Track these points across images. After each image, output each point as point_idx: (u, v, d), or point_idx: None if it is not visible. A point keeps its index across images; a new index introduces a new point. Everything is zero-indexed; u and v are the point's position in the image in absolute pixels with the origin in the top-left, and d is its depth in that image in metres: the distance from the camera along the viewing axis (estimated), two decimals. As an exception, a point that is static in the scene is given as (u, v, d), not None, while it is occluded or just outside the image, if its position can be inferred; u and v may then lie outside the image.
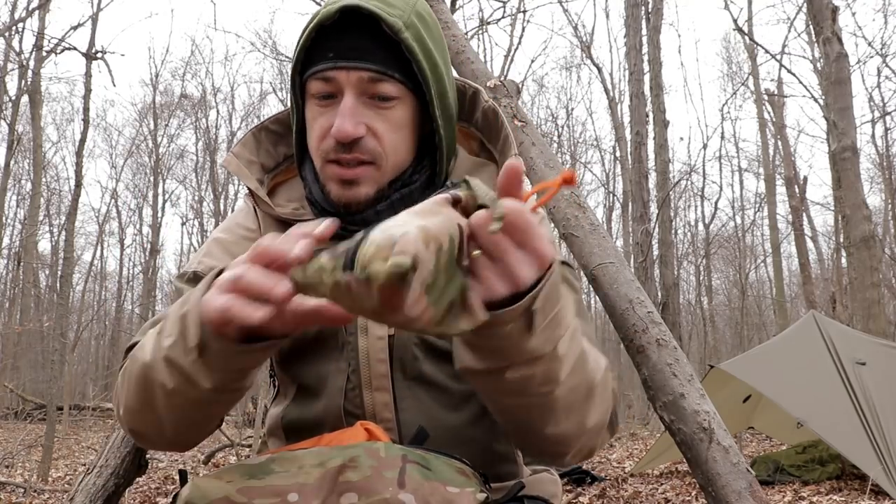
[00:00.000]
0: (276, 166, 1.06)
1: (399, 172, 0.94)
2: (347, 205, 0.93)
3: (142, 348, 0.80)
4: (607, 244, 1.75)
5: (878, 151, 15.69)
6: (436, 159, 0.97)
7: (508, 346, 0.66)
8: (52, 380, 8.43)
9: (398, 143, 0.93)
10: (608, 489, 5.47)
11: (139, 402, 0.81)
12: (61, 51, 8.22)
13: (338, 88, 0.89)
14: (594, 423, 0.81)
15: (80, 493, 1.66)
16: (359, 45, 0.88)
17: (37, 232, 15.34)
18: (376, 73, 0.88)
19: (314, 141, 0.93)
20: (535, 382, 0.71)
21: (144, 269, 20.48)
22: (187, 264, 1.01)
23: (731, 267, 20.56)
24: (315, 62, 0.90)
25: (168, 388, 0.75)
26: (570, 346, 0.73)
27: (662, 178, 10.81)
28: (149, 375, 0.77)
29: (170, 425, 0.81)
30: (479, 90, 1.04)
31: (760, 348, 5.90)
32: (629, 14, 11.22)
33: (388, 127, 0.91)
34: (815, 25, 6.55)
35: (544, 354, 0.69)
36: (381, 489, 0.69)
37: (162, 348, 0.74)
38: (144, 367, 0.77)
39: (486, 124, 1.04)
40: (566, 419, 0.78)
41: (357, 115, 0.89)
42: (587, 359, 0.78)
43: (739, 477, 1.45)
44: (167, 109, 20.52)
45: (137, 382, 0.79)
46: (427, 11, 0.94)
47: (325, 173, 0.93)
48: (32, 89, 11.07)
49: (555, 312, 0.67)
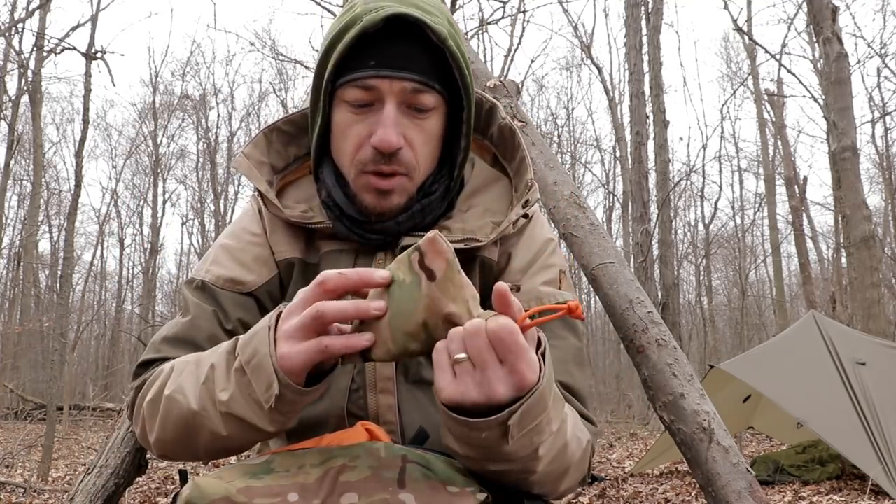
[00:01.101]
0: (286, 167, 1.05)
1: (422, 182, 0.95)
2: (381, 214, 0.93)
3: (181, 392, 0.81)
4: (607, 244, 1.75)
5: (878, 151, 15.69)
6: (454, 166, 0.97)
7: (486, 446, 0.68)
8: (52, 380, 8.42)
9: (429, 153, 0.93)
10: (608, 489, 5.46)
11: (177, 439, 0.83)
12: (61, 51, 8.22)
13: (378, 97, 0.88)
14: (564, 489, 0.84)
15: (80, 493, 1.66)
16: (404, 54, 0.87)
17: (37, 232, 15.34)
18: (419, 83, 0.88)
19: (349, 149, 0.92)
20: (512, 474, 0.74)
21: (144, 269, 20.48)
22: (194, 271, 1.01)
23: (731, 267, 20.57)
24: (353, 69, 0.88)
25: (221, 434, 0.78)
26: (553, 445, 0.74)
27: (662, 178, 10.80)
28: (196, 422, 0.79)
29: (206, 455, 0.84)
30: (496, 105, 1.04)
31: (760, 348, 5.89)
32: (629, 14, 11.22)
33: (424, 138, 0.91)
34: (815, 25, 6.55)
35: (523, 456, 0.71)
36: (381, 489, 0.69)
37: (218, 402, 0.77)
38: (191, 415, 0.79)
39: (502, 141, 1.04)
40: (539, 489, 0.80)
41: (398, 125, 0.88)
42: (568, 449, 0.79)
43: (739, 477, 1.45)
44: (167, 109, 20.52)
45: (178, 424, 0.81)
46: (454, 19, 0.94)
47: (360, 183, 0.92)
48: (32, 89, 11.06)
49: (535, 423, 0.69)
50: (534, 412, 0.67)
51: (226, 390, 0.75)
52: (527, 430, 0.68)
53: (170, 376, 0.85)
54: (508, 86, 1.99)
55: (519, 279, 0.97)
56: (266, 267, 0.99)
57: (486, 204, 0.99)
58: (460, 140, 0.96)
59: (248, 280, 0.97)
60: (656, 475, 6.18)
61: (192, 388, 0.80)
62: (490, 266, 0.98)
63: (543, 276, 0.98)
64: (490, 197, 1.00)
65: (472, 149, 1.04)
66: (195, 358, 0.84)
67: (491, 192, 1.01)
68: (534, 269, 0.98)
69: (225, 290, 0.97)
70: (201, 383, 0.79)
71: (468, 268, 0.96)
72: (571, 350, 0.95)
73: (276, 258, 1.00)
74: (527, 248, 1.00)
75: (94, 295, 22.27)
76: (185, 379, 0.82)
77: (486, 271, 0.98)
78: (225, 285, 0.97)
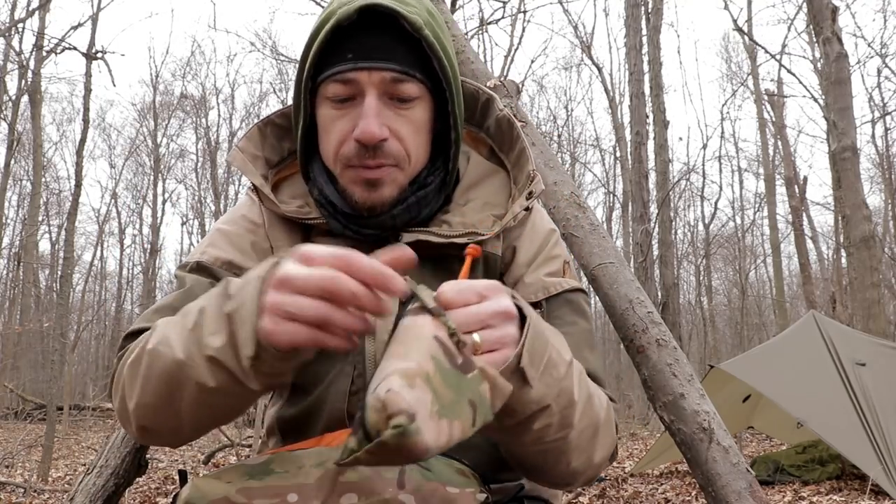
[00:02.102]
0: (281, 161, 1.04)
1: (416, 174, 0.93)
2: (371, 207, 0.91)
3: (165, 342, 0.73)
4: (607, 244, 1.75)
5: (878, 151, 15.69)
6: (448, 159, 0.96)
7: (514, 402, 0.69)
8: (52, 380, 8.44)
9: (420, 144, 0.92)
10: (608, 489, 5.46)
11: (160, 398, 0.75)
12: (61, 51, 8.23)
13: (358, 90, 0.87)
14: (600, 458, 0.85)
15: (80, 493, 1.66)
16: (380, 44, 0.86)
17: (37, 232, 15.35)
18: (399, 72, 0.87)
19: (332, 145, 0.90)
20: (552, 430, 0.75)
21: (144, 269, 20.49)
22: (191, 254, 0.99)
23: (731, 267, 20.58)
24: (331, 64, 0.87)
25: (209, 386, 0.70)
26: (580, 389, 0.76)
27: (662, 178, 10.81)
28: (182, 373, 0.71)
29: (190, 422, 0.77)
30: (493, 97, 1.03)
31: (760, 348, 5.89)
32: (629, 14, 11.22)
33: (411, 129, 0.90)
34: (815, 25, 6.55)
35: (555, 397, 0.72)
36: (381, 490, 0.69)
37: (207, 346, 0.69)
38: (175, 365, 0.71)
39: (499, 132, 1.03)
40: (577, 459, 0.81)
41: (380, 116, 0.87)
42: (594, 400, 0.81)
43: (739, 477, 1.45)
44: (167, 109, 20.53)
45: (162, 378, 0.74)
46: (435, 9, 0.93)
47: (347, 177, 0.91)
48: (32, 89, 11.07)
49: (546, 359, 0.70)
50: (538, 347, 0.70)
51: (216, 334, 0.68)
52: (542, 366, 0.70)
53: (153, 333, 0.77)
54: (508, 86, 1.99)
55: (524, 272, 0.97)
56: (265, 256, 0.97)
57: (486, 197, 0.98)
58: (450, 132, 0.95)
59: (246, 265, 0.95)
60: (656, 475, 6.18)
61: (179, 336, 0.72)
62: (494, 261, 0.98)
63: (548, 267, 0.98)
64: (488, 190, 0.99)
65: (467, 141, 1.02)
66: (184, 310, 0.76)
67: (489, 185, 1.00)
68: (538, 260, 0.98)
69: (223, 270, 0.95)
70: (189, 330, 0.71)
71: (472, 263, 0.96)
72: (583, 334, 0.95)
73: (275, 252, 0.98)
74: (531, 240, 0.99)
75: (94, 295, 22.30)
76: (170, 329, 0.74)
77: (490, 266, 0.97)
78: (223, 266, 0.95)
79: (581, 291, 0.98)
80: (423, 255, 0.94)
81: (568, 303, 0.96)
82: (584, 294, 0.99)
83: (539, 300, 0.94)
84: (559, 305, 0.95)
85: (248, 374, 0.67)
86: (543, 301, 0.95)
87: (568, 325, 0.93)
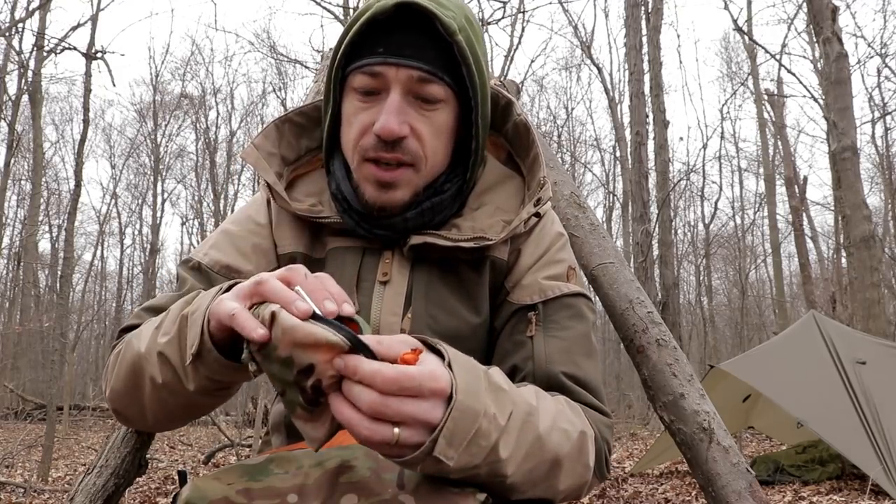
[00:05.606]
0: (297, 159, 1.04)
1: (433, 179, 0.93)
2: (382, 208, 0.91)
3: (138, 336, 0.82)
4: (607, 244, 1.75)
5: (878, 151, 15.67)
6: (468, 167, 0.95)
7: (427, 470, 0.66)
8: (52, 380, 8.42)
9: (438, 147, 0.91)
10: (608, 489, 5.46)
11: (126, 387, 0.84)
12: (61, 51, 8.21)
13: (384, 85, 0.87)
14: (567, 487, 0.78)
15: (80, 493, 1.65)
16: (412, 42, 0.87)
17: (37, 232, 15.34)
18: (426, 73, 0.87)
19: (353, 136, 0.91)
20: (480, 480, 0.69)
21: (144, 269, 20.46)
22: (194, 251, 1.00)
23: (731, 267, 20.57)
24: (362, 56, 0.88)
25: (157, 381, 0.78)
26: (518, 442, 0.70)
27: (662, 178, 10.80)
28: (141, 365, 0.80)
29: (151, 414, 0.84)
30: (512, 101, 1.02)
31: (760, 348, 5.88)
32: (629, 14, 11.22)
33: (432, 130, 0.89)
34: (815, 25, 6.54)
35: (480, 463, 0.67)
36: (381, 490, 0.68)
37: (158, 343, 0.77)
38: (138, 357, 0.80)
39: (517, 137, 1.02)
40: (532, 491, 0.75)
41: (402, 113, 0.87)
42: (551, 437, 0.74)
43: (739, 477, 1.45)
44: (167, 109, 20.52)
45: (128, 369, 0.82)
46: (474, 17, 0.93)
47: (362, 173, 0.91)
48: (32, 89, 11.07)
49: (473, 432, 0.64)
50: (463, 426, 0.63)
51: (167, 333, 0.77)
52: (465, 443, 0.64)
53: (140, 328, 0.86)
54: (508, 86, 1.99)
55: (524, 274, 0.96)
56: (265, 258, 0.98)
57: (498, 202, 0.97)
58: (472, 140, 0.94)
59: (245, 269, 0.96)
60: (656, 475, 6.17)
61: (148, 332, 0.81)
62: (501, 266, 0.97)
63: (549, 270, 0.97)
64: (502, 195, 0.98)
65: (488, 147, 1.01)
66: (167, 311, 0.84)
67: (503, 190, 0.99)
68: (540, 263, 0.97)
69: (220, 275, 0.96)
70: (154, 328, 0.80)
71: (479, 268, 0.96)
72: (577, 339, 0.93)
73: (279, 251, 0.99)
74: (536, 244, 0.98)
75: (94, 295, 22.32)
76: (146, 326, 0.83)
77: (496, 271, 0.97)
78: (221, 271, 0.96)
79: (583, 296, 0.97)
80: (431, 258, 0.94)
81: (566, 307, 0.94)
82: (585, 299, 0.97)
83: (535, 303, 0.94)
84: (556, 309, 0.94)
85: (188, 373, 0.74)
86: (540, 304, 0.93)
87: (562, 329, 0.93)
